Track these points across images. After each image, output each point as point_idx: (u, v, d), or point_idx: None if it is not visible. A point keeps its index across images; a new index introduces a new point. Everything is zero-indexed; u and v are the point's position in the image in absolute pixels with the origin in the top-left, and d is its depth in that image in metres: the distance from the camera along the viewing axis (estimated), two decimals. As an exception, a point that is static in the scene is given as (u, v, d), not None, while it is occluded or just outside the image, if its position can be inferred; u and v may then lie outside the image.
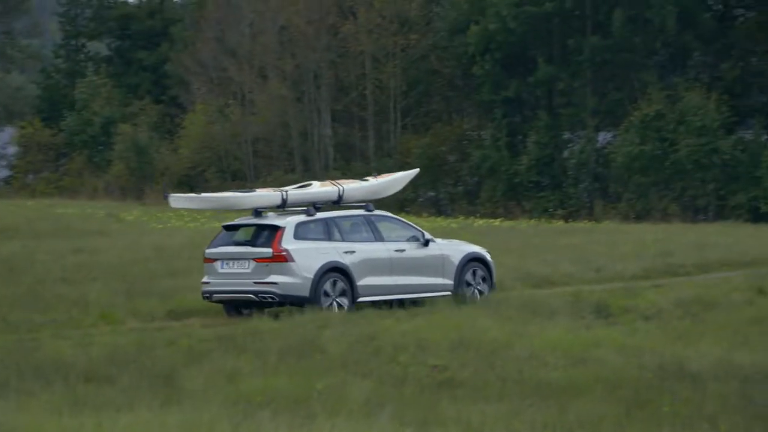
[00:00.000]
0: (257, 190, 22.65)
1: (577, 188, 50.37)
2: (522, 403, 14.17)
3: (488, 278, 22.49)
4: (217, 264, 21.15)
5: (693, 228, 40.66)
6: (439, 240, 22.52)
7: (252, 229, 21.37)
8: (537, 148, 50.64)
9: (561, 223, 45.54)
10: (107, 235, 36.44)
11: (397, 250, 21.70)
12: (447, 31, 53.43)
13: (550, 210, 48.98)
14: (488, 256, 22.65)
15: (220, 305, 21.59)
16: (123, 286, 23.96)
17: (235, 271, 21.00)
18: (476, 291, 22.25)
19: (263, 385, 15.21)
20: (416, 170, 24.93)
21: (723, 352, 16.90)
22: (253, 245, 21.06)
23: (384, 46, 54.20)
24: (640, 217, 46.67)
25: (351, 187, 22.37)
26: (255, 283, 20.79)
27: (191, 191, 56.16)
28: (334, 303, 20.96)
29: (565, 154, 51.50)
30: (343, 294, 21.07)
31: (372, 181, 22.87)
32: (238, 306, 21.43)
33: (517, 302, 21.69)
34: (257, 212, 21.52)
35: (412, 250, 21.84)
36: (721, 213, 46.75)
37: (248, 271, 20.88)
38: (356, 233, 21.60)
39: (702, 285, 23.63)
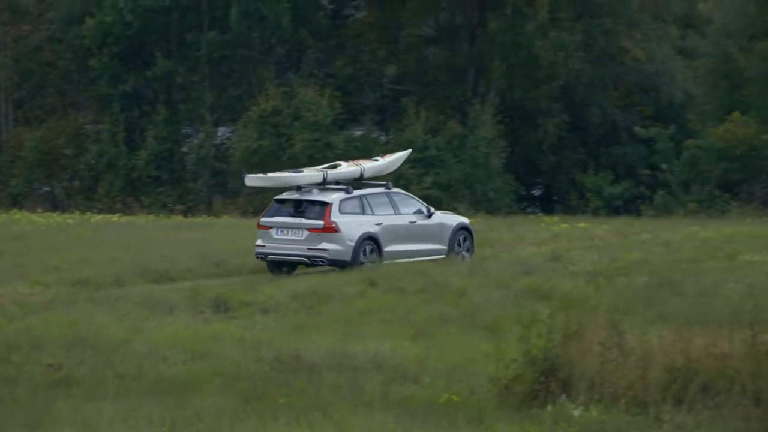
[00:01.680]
0: (304, 170, 26.71)
1: (197, 183, 50.45)
2: (140, 400, 14.11)
3: (470, 245, 26.73)
4: (272, 231, 25.26)
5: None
6: (438, 212, 26.78)
7: (302, 202, 25.31)
8: (156, 142, 50.33)
9: (180, 218, 45.44)
10: None
11: (410, 222, 26.02)
12: (62, 23, 52.16)
13: (169, 205, 48.74)
14: (470, 226, 26.95)
15: None
16: None
17: (289, 237, 25.11)
18: (463, 254, 26.27)
19: None
20: (409, 150, 31.04)
21: (337, 343, 17.45)
22: (306, 217, 25.10)
23: (-5, 36, 52.35)
24: (258, 212, 47.22)
25: (369, 166, 26.86)
26: (308, 249, 24.95)
27: None
28: (367, 265, 24.74)
29: (185, 149, 51.45)
30: (372, 259, 25.09)
31: (381, 161, 27.44)
32: (281, 266, 25.30)
33: (136, 298, 21.57)
34: (299, 188, 25.51)
35: (421, 221, 26.17)
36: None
37: (302, 238, 25.02)
38: (381, 207, 25.79)
39: (317, 278, 24.27)
